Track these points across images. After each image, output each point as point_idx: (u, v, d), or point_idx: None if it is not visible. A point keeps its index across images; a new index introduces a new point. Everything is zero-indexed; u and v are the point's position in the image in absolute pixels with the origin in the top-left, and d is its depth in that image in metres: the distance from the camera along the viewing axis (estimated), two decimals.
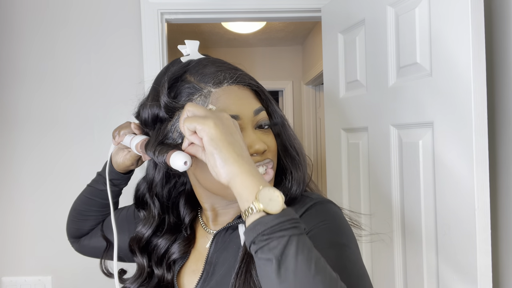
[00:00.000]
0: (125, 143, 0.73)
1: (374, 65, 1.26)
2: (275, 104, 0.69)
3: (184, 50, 0.68)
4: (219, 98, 0.61)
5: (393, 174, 1.18)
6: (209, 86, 0.61)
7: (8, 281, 1.58)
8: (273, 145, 0.66)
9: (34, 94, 1.59)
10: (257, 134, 0.64)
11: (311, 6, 1.66)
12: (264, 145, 0.62)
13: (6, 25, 1.58)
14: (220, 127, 0.52)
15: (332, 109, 1.57)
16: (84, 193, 0.88)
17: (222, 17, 1.73)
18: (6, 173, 1.59)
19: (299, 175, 0.67)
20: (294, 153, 0.68)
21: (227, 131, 0.52)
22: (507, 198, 1.05)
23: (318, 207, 0.62)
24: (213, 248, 0.69)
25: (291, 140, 0.68)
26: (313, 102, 3.93)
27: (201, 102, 0.61)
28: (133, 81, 1.61)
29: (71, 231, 0.92)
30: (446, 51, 0.97)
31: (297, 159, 0.68)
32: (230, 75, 0.63)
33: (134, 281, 0.72)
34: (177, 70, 0.64)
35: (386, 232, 1.20)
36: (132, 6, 1.60)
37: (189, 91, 0.62)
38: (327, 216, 0.60)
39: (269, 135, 0.66)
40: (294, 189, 0.66)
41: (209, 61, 0.65)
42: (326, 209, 0.62)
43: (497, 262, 1.08)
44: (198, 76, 0.63)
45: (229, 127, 0.53)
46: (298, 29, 3.51)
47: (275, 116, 0.68)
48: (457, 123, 0.94)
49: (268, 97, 0.68)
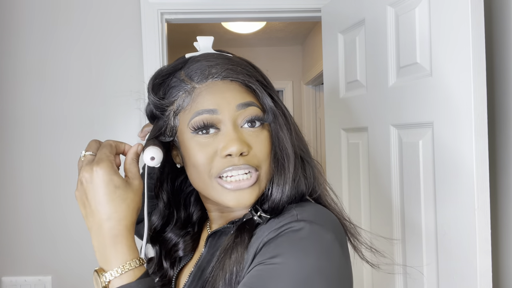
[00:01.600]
0: None
1: (374, 65, 1.26)
2: (273, 100, 0.62)
3: (197, 47, 0.67)
4: (200, 93, 0.59)
5: (393, 174, 1.18)
6: (193, 82, 0.59)
7: (8, 281, 1.58)
8: (261, 148, 0.59)
9: (34, 93, 1.59)
10: (239, 133, 0.58)
11: (311, 6, 1.66)
12: (241, 147, 0.56)
13: (7, 25, 1.58)
14: (78, 196, 0.55)
15: (332, 109, 1.57)
16: None
17: (222, 17, 1.73)
18: (6, 172, 1.59)
19: (280, 182, 0.60)
20: (280, 157, 0.60)
21: (81, 202, 0.54)
22: (507, 198, 1.05)
23: (287, 236, 0.53)
24: (206, 251, 0.67)
25: (280, 141, 0.61)
26: (313, 102, 3.93)
27: (185, 98, 0.59)
28: (133, 80, 1.61)
29: None
30: (446, 51, 0.97)
31: (281, 163, 0.60)
32: (216, 70, 0.59)
33: (150, 266, 0.73)
34: (171, 67, 0.63)
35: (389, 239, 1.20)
36: (132, 6, 1.60)
37: (176, 87, 0.61)
38: (285, 252, 0.51)
39: (258, 136, 0.59)
40: (273, 197, 0.59)
41: (204, 56, 0.62)
42: (294, 240, 0.52)
43: (497, 262, 1.08)
44: (187, 71, 0.61)
45: (81, 195, 0.54)
46: (298, 29, 3.51)
47: (269, 118, 0.61)
48: (457, 123, 0.94)
49: (263, 92, 0.61)
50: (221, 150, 0.57)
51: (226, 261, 0.56)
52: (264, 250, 0.53)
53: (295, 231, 0.53)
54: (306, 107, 3.96)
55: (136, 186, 0.56)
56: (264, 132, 0.61)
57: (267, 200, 0.60)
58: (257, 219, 0.59)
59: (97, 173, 0.52)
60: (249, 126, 0.59)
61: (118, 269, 0.50)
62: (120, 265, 0.51)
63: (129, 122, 1.61)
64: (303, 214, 0.55)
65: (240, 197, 0.58)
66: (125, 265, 0.51)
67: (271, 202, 0.59)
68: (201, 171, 0.59)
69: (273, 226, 0.55)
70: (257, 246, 0.55)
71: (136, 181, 0.56)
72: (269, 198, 0.60)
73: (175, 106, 0.61)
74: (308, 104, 3.94)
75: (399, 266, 1.19)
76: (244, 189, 0.58)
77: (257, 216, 0.59)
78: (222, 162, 0.57)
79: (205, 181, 0.59)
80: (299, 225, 0.53)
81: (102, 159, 0.54)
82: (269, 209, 0.59)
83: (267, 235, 0.55)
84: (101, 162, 0.53)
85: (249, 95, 0.60)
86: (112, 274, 0.50)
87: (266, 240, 0.54)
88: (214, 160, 0.58)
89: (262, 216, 0.59)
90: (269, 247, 0.53)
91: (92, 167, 0.53)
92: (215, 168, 0.58)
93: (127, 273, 0.51)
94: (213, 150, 0.58)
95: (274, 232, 0.54)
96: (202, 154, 0.58)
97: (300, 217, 0.55)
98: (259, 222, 0.59)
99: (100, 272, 0.51)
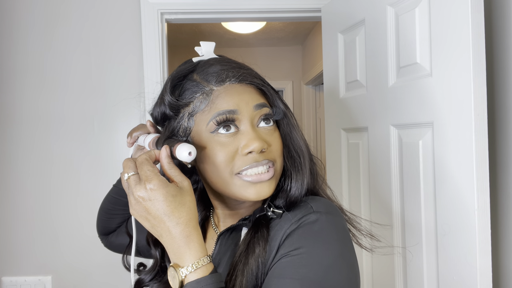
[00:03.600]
0: (140, 143, 0.75)
1: (374, 65, 1.26)
2: (282, 103, 0.68)
3: (200, 52, 0.69)
4: (219, 95, 0.62)
5: (393, 174, 1.18)
6: (211, 85, 0.62)
7: (8, 281, 1.58)
8: (276, 145, 0.65)
9: (35, 91, 1.59)
10: (257, 132, 0.62)
11: (311, 6, 1.66)
12: (262, 144, 0.60)
13: (7, 24, 1.58)
14: (136, 215, 0.58)
15: (332, 109, 1.57)
16: (110, 192, 0.91)
17: (222, 17, 1.73)
18: (5, 172, 1.59)
19: (298, 177, 0.65)
20: (295, 154, 0.67)
21: (142, 218, 0.57)
22: (507, 198, 1.05)
23: (307, 228, 0.59)
24: (217, 249, 0.70)
25: (294, 140, 0.67)
26: (313, 102, 3.93)
27: (203, 99, 0.62)
28: (133, 80, 1.61)
29: (100, 228, 0.96)
30: (446, 51, 0.97)
31: (298, 160, 0.66)
32: (233, 73, 0.63)
33: (148, 272, 0.76)
34: (184, 69, 0.65)
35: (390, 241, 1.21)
36: (132, 6, 1.60)
37: (192, 89, 0.63)
38: (308, 242, 0.57)
39: (273, 134, 0.65)
40: (292, 193, 0.65)
41: (217, 60, 0.66)
42: (314, 231, 0.58)
43: (497, 262, 1.08)
44: (202, 74, 0.64)
45: (141, 212, 0.57)
46: (298, 29, 3.51)
47: (280, 115, 0.67)
48: (457, 123, 0.94)
49: (274, 95, 0.67)
50: (242, 148, 0.61)
51: (249, 255, 0.60)
52: (287, 242, 0.58)
53: (313, 222, 0.59)
54: (306, 107, 3.96)
55: (187, 187, 0.58)
56: (277, 131, 0.66)
57: (282, 195, 0.65)
58: (271, 214, 0.64)
59: (153, 191, 0.55)
60: (264, 124, 0.64)
61: (194, 265, 0.55)
62: (194, 261, 0.55)
63: (129, 122, 1.62)
64: (317, 206, 0.61)
65: (261, 189, 0.61)
66: (199, 261, 0.55)
67: (290, 197, 0.64)
68: (222, 169, 0.61)
69: (291, 219, 0.60)
70: (280, 238, 0.59)
71: (185, 182, 0.59)
72: (287, 193, 0.65)
73: (190, 107, 0.63)
74: (308, 104, 3.95)
75: (399, 266, 1.19)
76: (264, 182, 0.61)
77: (270, 211, 0.64)
78: (244, 159, 0.61)
79: (225, 178, 0.62)
80: (316, 216, 0.59)
81: (151, 176, 0.56)
82: (286, 203, 0.64)
83: (288, 228, 0.59)
84: (151, 179, 0.56)
85: (262, 97, 0.65)
86: (188, 269, 0.55)
87: (289, 232, 0.59)
88: (235, 158, 0.61)
89: (275, 211, 0.63)
90: (292, 239, 0.58)
91: (144, 186, 0.56)
92: (237, 166, 0.61)
93: (200, 269, 0.55)
94: (234, 148, 0.61)
95: (294, 224, 0.59)
96: (222, 153, 0.61)
97: (315, 209, 0.60)
98: (272, 217, 0.64)
99: (177, 268, 0.55)
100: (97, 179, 1.60)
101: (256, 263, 0.59)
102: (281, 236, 0.59)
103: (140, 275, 0.77)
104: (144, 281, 0.75)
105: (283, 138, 0.67)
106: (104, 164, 1.60)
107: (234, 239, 0.68)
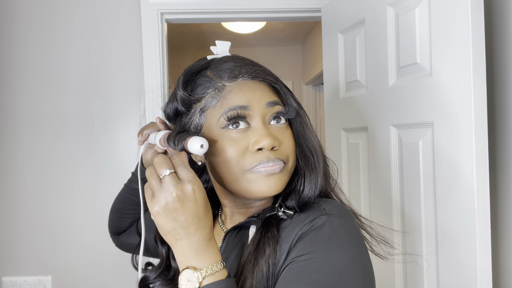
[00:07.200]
0: (151, 141, 0.75)
1: (374, 65, 1.26)
2: (296, 102, 0.67)
3: (215, 51, 0.69)
4: (231, 91, 0.62)
5: (393, 174, 1.18)
6: (224, 80, 0.63)
7: (8, 281, 1.58)
8: (288, 143, 0.63)
9: (35, 91, 1.59)
10: (269, 129, 0.62)
11: (311, 6, 1.66)
12: (273, 141, 0.60)
13: (7, 24, 1.58)
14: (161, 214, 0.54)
15: (332, 109, 1.57)
16: (121, 192, 0.91)
17: (222, 17, 1.73)
18: (6, 172, 1.59)
19: (312, 177, 0.64)
20: (309, 153, 0.65)
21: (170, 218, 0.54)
22: (507, 198, 1.05)
23: (320, 231, 0.56)
24: (223, 247, 0.69)
25: (307, 139, 0.66)
26: (313, 102, 3.94)
27: (215, 95, 0.62)
28: (134, 80, 1.61)
29: (111, 228, 0.96)
30: (446, 51, 0.97)
31: (312, 160, 0.65)
32: (246, 70, 0.63)
33: (154, 270, 0.75)
34: (198, 65, 0.66)
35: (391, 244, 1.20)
36: (132, 6, 1.60)
37: (204, 85, 0.63)
38: (321, 246, 0.55)
39: (284, 133, 0.64)
40: (306, 193, 0.63)
41: (230, 57, 0.66)
42: (327, 234, 0.56)
43: (497, 262, 1.08)
44: (216, 71, 0.64)
45: (171, 212, 0.54)
46: (298, 29, 3.51)
47: (293, 113, 0.66)
48: (457, 123, 0.94)
49: (287, 93, 0.66)
50: (252, 145, 0.60)
51: (259, 256, 0.58)
52: (299, 245, 0.56)
53: (326, 224, 0.57)
54: (306, 107, 3.96)
55: None
56: (289, 129, 0.65)
57: (294, 196, 0.63)
58: (282, 214, 0.62)
59: (196, 192, 0.55)
60: (276, 122, 0.63)
61: (213, 267, 0.55)
62: (213, 264, 0.55)
63: (129, 122, 1.62)
64: (330, 208, 0.59)
65: (271, 182, 0.60)
66: (218, 265, 0.55)
67: (302, 198, 0.63)
68: (232, 165, 0.61)
69: (303, 221, 0.58)
70: (291, 240, 0.58)
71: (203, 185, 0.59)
72: (300, 194, 0.63)
73: (202, 103, 0.63)
74: (308, 104, 3.95)
75: (399, 265, 1.19)
76: (275, 174, 0.60)
77: (281, 211, 0.62)
78: (254, 156, 0.60)
79: (235, 174, 0.61)
80: (329, 218, 0.57)
81: (194, 178, 0.56)
82: (298, 204, 0.62)
83: (300, 229, 0.58)
84: (195, 181, 0.55)
85: (275, 95, 0.65)
86: (208, 272, 0.54)
87: (300, 234, 0.57)
88: (246, 154, 0.60)
89: (286, 212, 0.62)
90: (304, 242, 0.56)
91: (187, 186, 0.54)
92: (247, 163, 0.60)
93: (218, 272, 0.55)
94: (245, 144, 0.60)
95: (306, 226, 0.57)
96: (233, 149, 0.60)
97: (328, 211, 0.58)
98: (283, 217, 0.62)
99: (195, 270, 0.54)
100: (97, 179, 1.60)
101: (267, 265, 0.57)
102: (292, 237, 0.58)
103: (147, 272, 0.78)
104: (149, 279, 0.75)
105: (296, 137, 0.66)
106: (104, 164, 1.60)
107: (242, 237, 0.67)
